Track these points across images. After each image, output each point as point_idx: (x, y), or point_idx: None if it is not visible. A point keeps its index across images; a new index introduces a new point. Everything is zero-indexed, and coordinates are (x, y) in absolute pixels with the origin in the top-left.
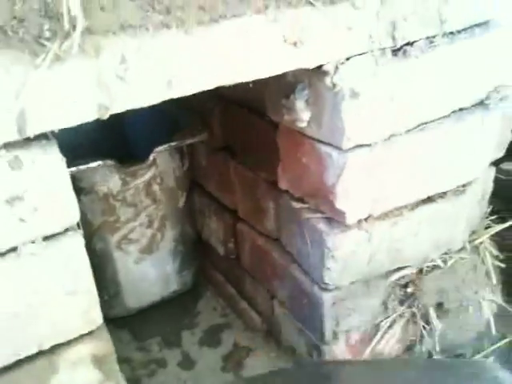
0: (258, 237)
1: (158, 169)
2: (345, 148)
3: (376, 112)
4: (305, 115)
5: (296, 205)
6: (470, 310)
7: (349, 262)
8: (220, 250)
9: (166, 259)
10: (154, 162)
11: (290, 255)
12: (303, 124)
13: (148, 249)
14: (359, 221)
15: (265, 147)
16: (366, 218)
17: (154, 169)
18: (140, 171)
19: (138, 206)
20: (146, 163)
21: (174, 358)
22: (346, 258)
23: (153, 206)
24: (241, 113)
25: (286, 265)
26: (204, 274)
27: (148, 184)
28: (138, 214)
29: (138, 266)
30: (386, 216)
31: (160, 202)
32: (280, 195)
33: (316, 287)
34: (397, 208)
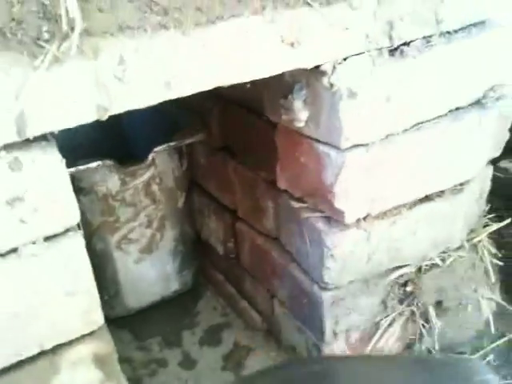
0: (258, 236)
1: (157, 169)
2: (343, 147)
3: (373, 112)
4: (303, 115)
5: (295, 204)
6: (469, 308)
7: (348, 261)
8: (220, 249)
9: (165, 259)
10: (153, 162)
11: (290, 254)
12: (301, 124)
13: (148, 249)
14: (358, 220)
15: (264, 147)
16: (364, 217)
17: (153, 169)
18: (139, 171)
19: (137, 206)
20: (145, 163)
21: (175, 358)
22: (345, 257)
23: (152, 206)
24: (240, 112)
25: (286, 264)
26: (204, 273)
27: (147, 184)
28: (137, 214)
29: (137, 266)
30: (385, 215)
31: (159, 202)
32: (279, 195)
33: (315, 286)
34: (395, 207)
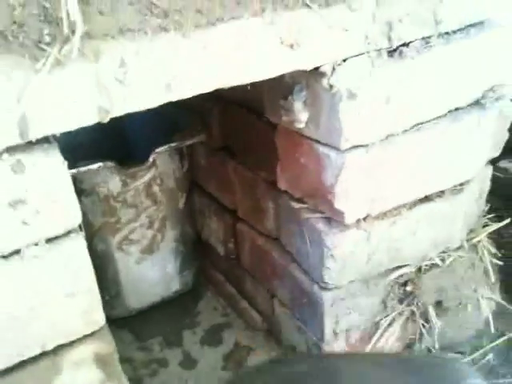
0: (258, 237)
1: (158, 170)
2: (343, 148)
3: (373, 112)
4: (303, 116)
5: (295, 205)
6: (468, 308)
7: (348, 261)
8: (220, 249)
9: (166, 259)
10: (154, 163)
11: (290, 255)
12: (301, 125)
13: (149, 249)
14: (358, 220)
15: (264, 147)
16: (364, 218)
17: (153, 170)
18: (140, 172)
19: (138, 207)
20: (145, 164)
21: (175, 358)
22: (345, 257)
23: (153, 207)
24: (240, 113)
25: (286, 264)
26: (204, 274)
27: (148, 185)
28: (138, 214)
29: (138, 267)
30: (385, 215)
31: (160, 202)
32: (279, 195)
33: (316, 286)
34: (395, 207)
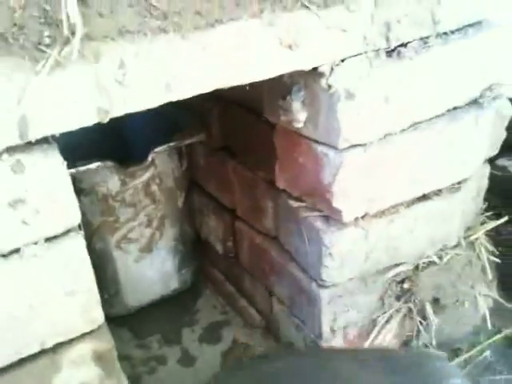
0: (257, 235)
1: (157, 169)
2: (341, 148)
3: (371, 112)
4: (301, 116)
5: (294, 204)
6: (466, 304)
7: (346, 259)
8: (219, 248)
9: (165, 258)
10: (153, 162)
11: (288, 253)
12: (300, 124)
13: (147, 248)
14: (356, 219)
15: (263, 147)
16: (362, 216)
17: (152, 169)
18: (139, 172)
19: (137, 206)
20: (144, 164)
21: (174, 355)
22: (343, 255)
23: (152, 206)
24: (239, 113)
25: (284, 263)
26: (203, 272)
27: (147, 184)
28: (137, 213)
29: (137, 265)
30: (383, 214)
31: (159, 201)
32: (278, 194)
33: (314, 284)
34: (393, 206)
